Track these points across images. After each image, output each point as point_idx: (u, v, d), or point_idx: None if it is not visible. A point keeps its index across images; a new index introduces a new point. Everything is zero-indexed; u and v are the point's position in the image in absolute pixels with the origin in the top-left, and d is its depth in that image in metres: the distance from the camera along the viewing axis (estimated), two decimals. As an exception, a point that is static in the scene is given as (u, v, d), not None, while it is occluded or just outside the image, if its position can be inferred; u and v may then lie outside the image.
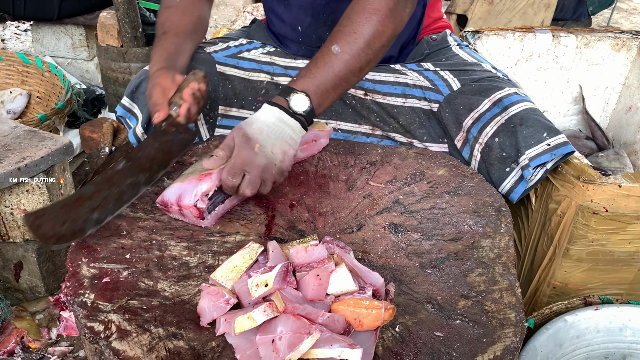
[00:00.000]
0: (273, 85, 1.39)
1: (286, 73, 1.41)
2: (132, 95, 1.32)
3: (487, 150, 1.25)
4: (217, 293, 0.80)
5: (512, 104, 1.25)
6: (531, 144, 1.19)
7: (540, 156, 1.18)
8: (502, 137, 1.22)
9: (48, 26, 2.62)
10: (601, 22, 4.31)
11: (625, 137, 2.00)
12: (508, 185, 1.23)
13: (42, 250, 1.51)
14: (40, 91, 2.37)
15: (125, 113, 1.33)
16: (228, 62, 1.39)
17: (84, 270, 0.90)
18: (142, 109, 1.30)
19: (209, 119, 1.36)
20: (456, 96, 1.32)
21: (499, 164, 1.23)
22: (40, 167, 1.33)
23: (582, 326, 1.14)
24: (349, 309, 0.79)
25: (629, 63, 1.97)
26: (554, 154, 1.18)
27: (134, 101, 1.32)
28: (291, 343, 0.72)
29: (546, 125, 1.21)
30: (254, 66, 1.40)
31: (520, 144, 1.20)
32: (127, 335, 0.79)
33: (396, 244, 1.00)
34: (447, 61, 1.43)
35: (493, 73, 1.39)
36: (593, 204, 1.19)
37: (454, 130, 1.31)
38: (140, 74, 1.33)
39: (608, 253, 1.26)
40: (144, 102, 1.29)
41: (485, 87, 1.32)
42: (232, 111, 1.38)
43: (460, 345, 0.80)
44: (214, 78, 1.35)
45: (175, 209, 1.00)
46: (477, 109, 1.28)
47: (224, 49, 1.42)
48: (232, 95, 1.37)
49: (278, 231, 1.02)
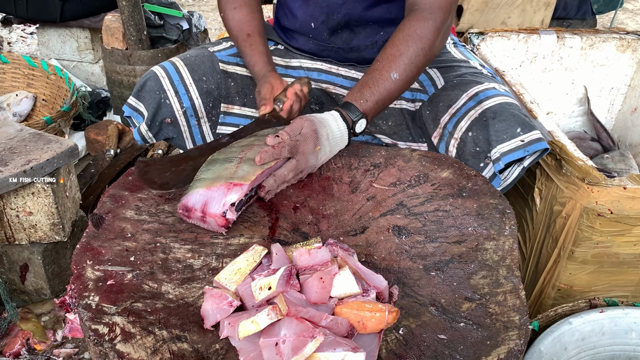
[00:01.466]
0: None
1: (286, 73, 1.43)
2: (138, 95, 1.35)
3: (462, 145, 1.24)
4: (221, 295, 0.81)
5: (487, 97, 1.23)
6: (503, 138, 1.17)
7: (513, 152, 1.15)
8: (476, 131, 1.21)
9: (54, 29, 2.64)
10: (606, 22, 4.30)
11: (631, 138, 1.99)
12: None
13: (48, 252, 1.51)
14: (46, 94, 2.38)
15: (132, 112, 1.36)
16: (231, 60, 1.41)
17: (89, 272, 0.90)
18: (147, 107, 1.33)
19: (211, 116, 1.38)
20: (438, 94, 1.33)
21: (473, 159, 1.22)
22: (46, 170, 1.34)
23: (587, 329, 1.14)
24: (352, 312, 0.79)
25: (634, 64, 1.97)
26: (527, 150, 1.15)
27: (139, 100, 1.35)
28: (295, 346, 0.72)
29: (521, 119, 1.18)
30: None
31: (492, 138, 1.18)
32: (132, 338, 0.79)
33: (400, 247, 1.00)
34: (437, 58, 1.43)
35: (478, 69, 1.38)
36: (598, 206, 1.18)
37: (432, 127, 1.31)
38: (147, 74, 1.35)
39: (613, 255, 1.26)
40: (150, 101, 1.33)
41: (465, 81, 1.32)
42: (234, 109, 1.40)
43: (464, 348, 0.80)
44: (217, 76, 1.37)
45: (199, 215, 0.99)
46: (454, 105, 1.28)
47: (227, 48, 1.44)
48: (235, 92, 1.39)
49: (282, 233, 1.02)
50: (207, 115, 1.38)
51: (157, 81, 1.33)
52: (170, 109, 1.34)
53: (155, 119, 1.34)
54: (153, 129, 1.35)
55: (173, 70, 1.35)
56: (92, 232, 0.99)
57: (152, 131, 1.36)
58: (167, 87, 1.33)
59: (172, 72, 1.34)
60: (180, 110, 1.35)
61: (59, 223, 1.46)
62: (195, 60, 1.37)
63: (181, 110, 1.35)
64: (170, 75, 1.34)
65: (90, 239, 0.97)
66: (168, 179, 1.07)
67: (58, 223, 1.46)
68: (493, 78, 1.36)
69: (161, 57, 2.33)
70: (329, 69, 1.44)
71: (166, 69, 1.35)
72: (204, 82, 1.36)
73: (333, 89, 1.44)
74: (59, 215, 1.45)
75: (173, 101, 1.33)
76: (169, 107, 1.34)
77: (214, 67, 1.38)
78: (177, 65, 1.36)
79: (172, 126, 1.36)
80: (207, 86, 1.36)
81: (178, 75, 1.34)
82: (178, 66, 1.35)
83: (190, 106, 1.35)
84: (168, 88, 1.33)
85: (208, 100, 1.37)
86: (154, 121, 1.34)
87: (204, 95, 1.36)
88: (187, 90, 1.34)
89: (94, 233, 0.99)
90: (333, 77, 1.44)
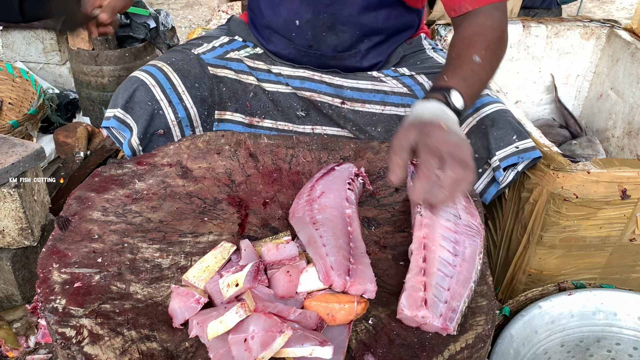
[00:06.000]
0: (260, 89, 1.38)
1: (269, 78, 1.39)
2: (126, 106, 1.25)
3: None
4: (187, 293, 0.80)
5: (484, 105, 1.25)
6: (501, 145, 1.20)
7: (509, 158, 1.19)
8: (474, 138, 1.23)
9: (17, 31, 2.58)
10: (574, 11, 4.36)
11: (597, 124, 2.03)
12: (481, 186, 1.25)
13: (17, 257, 1.49)
14: (12, 97, 2.34)
15: (120, 126, 1.26)
16: (218, 63, 1.35)
17: (55, 275, 0.89)
18: (137, 120, 1.25)
19: (206, 125, 1.32)
20: None
21: None
22: (11, 174, 1.31)
23: (556, 311, 1.16)
24: (321, 305, 0.79)
25: (598, 51, 2.00)
26: (521, 157, 1.19)
27: (127, 112, 1.25)
28: (263, 342, 0.72)
29: (516, 127, 1.22)
30: (242, 67, 1.38)
31: (491, 145, 1.20)
32: (100, 340, 0.79)
33: (369, 238, 1.00)
34: (422, 64, 1.43)
35: None
36: (564, 191, 1.20)
37: None
38: (132, 82, 1.26)
39: (580, 239, 1.28)
40: (141, 113, 1.24)
41: None
42: (227, 115, 1.36)
43: (432, 335, 0.81)
44: (208, 82, 1.31)
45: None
46: None
47: (210, 50, 1.39)
48: (227, 98, 1.34)
49: (252, 229, 1.02)
50: (202, 124, 1.31)
51: (148, 90, 1.24)
52: (164, 120, 1.26)
53: (147, 131, 1.26)
54: (143, 141, 1.26)
55: (162, 77, 1.26)
56: (58, 235, 0.98)
57: (142, 144, 1.26)
58: (159, 96, 1.24)
59: (162, 80, 1.26)
60: (174, 121, 1.27)
61: (27, 228, 1.43)
62: (184, 65, 1.29)
63: (176, 121, 1.27)
64: (160, 83, 1.25)
65: (56, 242, 0.96)
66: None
67: (27, 228, 1.43)
68: None
69: (129, 57, 2.30)
70: (312, 76, 1.39)
71: (154, 75, 1.26)
72: (197, 89, 1.29)
73: (317, 97, 1.38)
74: (27, 219, 1.42)
75: (167, 112, 1.25)
76: (163, 118, 1.26)
77: (204, 71, 1.31)
78: (165, 71, 1.27)
79: (164, 137, 1.28)
80: (201, 93, 1.29)
81: (169, 82, 1.26)
82: (167, 72, 1.27)
83: (186, 116, 1.28)
84: (160, 98, 1.25)
85: (203, 108, 1.30)
86: (145, 133, 1.25)
87: (199, 104, 1.29)
88: (181, 99, 1.27)
89: (60, 236, 0.98)
90: (317, 85, 1.39)
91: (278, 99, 1.39)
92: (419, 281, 0.83)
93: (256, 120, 1.38)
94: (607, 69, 1.97)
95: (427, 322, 0.80)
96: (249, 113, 1.37)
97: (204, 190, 1.11)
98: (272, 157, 1.22)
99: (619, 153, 1.90)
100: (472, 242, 0.93)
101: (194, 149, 1.22)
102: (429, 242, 0.89)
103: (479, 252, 0.91)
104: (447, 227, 0.93)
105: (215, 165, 1.18)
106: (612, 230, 1.27)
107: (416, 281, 0.84)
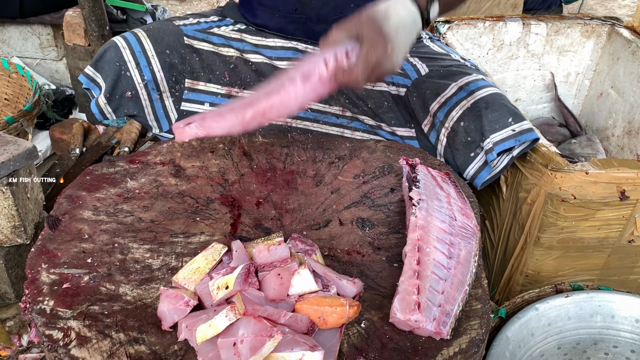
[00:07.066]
0: (242, 61, 1.38)
1: (257, 51, 1.39)
2: (95, 65, 1.31)
3: (453, 134, 1.24)
4: (176, 296, 0.79)
5: (478, 88, 1.25)
6: (495, 128, 1.18)
7: (505, 142, 1.17)
8: (468, 121, 1.22)
9: (14, 26, 2.56)
10: (575, 8, 4.34)
11: (597, 123, 2.01)
12: (472, 170, 1.23)
13: (10, 256, 1.47)
14: (8, 93, 2.32)
15: (89, 83, 1.32)
16: (197, 35, 1.37)
17: (44, 276, 0.88)
18: (105, 78, 1.29)
19: (174, 92, 1.34)
20: (424, 80, 1.32)
21: (464, 148, 1.23)
22: (2, 172, 1.30)
23: (553, 314, 1.14)
24: (312, 308, 0.78)
25: (599, 49, 1.98)
26: (518, 140, 1.17)
27: (97, 70, 1.31)
28: (253, 346, 0.70)
29: (511, 110, 1.20)
30: (223, 41, 1.39)
31: (485, 128, 1.19)
32: (87, 342, 0.77)
33: (363, 239, 0.99)
34: (417, 50, 1.43)
35: (462, 62, 1.39)
36: (562, 192, 1.19)
37: (421, 115, 1.31)
38: (107, 44, 1.32)
39: (578, 240, 1.26)
40: (108, 72, 1.29)
41: (453, 72, 1.32)
42: (200, 85, 1.36)
43: (425, 339, 0.79)
44: (181, 50, 1.33)
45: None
46: (443, 94, 1.27)
47: (194, 23, 1.41)
48: (200, 68, 1.35)
49: (244, 230, 1.01)
50: (169, 89, 1.34)
51: (117, 51, 1.29)
52: (131, 82, 1.30)
53: (114, 92, 1.30)
54: (112, 102, 1.31)
55: (135, 40, 1.30)
56: (48, 235, 0.96)
57: (112, 105, 1.31)
58: (127, 58, 1.29)
59: (134, 43, 1.30)
60: (141, 83, 1.31)
61: (20, 225, 1.42)
62: (159, 33, 1.33)
63: (142, 83, 1.31)
64: (131, 46, 1.30)
65: (45, 242, 0.95)
66: None
67: (19, 225, 1.42)
68: (477, 70, 1.37)
69: (126, 53, 2.28)
70: (305, 49, 1.39)
71: (127, 39, 1.31)
72: (167, 55, 1.32)
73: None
74: (19, 217, 1.40)
75: (134, 73, 1.29)
76: (130, 80, 1.30)
77: (179, 40, 1.34)
78: (139, 36, 1.32)
79: (133, 101, 1.32)
80: (170, 59, 1.32)
81: (140, 46, 1.30)
82: (140, 37, 1.31)
83: (152, 79, 1.32)
84: (129, 59, 1.29)
85: (171, 74, 1.33)
86: (113, 94, 1.30)
87: (167, 69, 1.32)
88: (149, 63, 1.30)
89: (49, 235, 0.96)
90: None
91: (262, 70, 1.38)
92: (412, 284, 0.82)
93: (235, 91, 1.37)
94: (607, 67, 1.95)
95: (420, 326, 0.78)
96: (227, 83, 1.37)
97: (196, 189, 1.09)
98: (266, 156, 1.20)
99: (619, 152, 1.88)
100: (467, 244, 0.92)
101: (187, 147, 1.21)
102: (424, 244, 0.88)
103: (474, 255, 0.90)
104: (442, 229, 0.92)
105: (208, 164, 1.17)
106: (611, 232, 1.26)
107: (409, 284, 0.82)
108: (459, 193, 1.05)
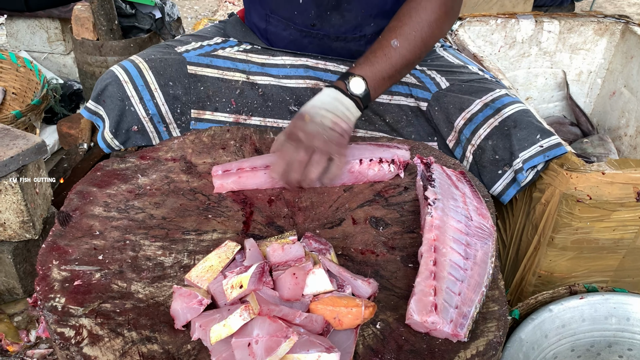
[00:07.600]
0: (249, 85, 1.33)
1: (263, 71, 1.34)
2: (97, 99, 1.27)
3: (480, 152, 1.23)
4: (190, 294, 0.78)
5: (505, 105, 1.23)
6: (525, 146, 1.18)
7: (533, 158, 1.17)
8: (496, 139, 1.21)
9: (22, 20, 2.56)
10: (585, 6, 4.31)
11: (609, 122, 1.99)
12: (499, 187, 1.23)
13: (18, 251, 1.47)
14: (16, 87, 2.31)
15: (91, 117, 1.29)
16: (201, 61, 1.32)
17: (55, 273, 0.87)
18: (109, 113, 1.26)
19: (180, 123, 1.31)
20: (445, 94, 1.30)
21: (491, 166, 1.22)
22: (11, 167, 1.29)
23: (568, 315, 1.13)
24: (327, 308, 0.77)
25: (612, 48, 1.96)
26: (547, 156, 1.17)
27: (99, 104, 1.27)
28: (268, 347, 0.69)
29: (539, 127, 1.20)
30: (229, 64, 1.34)
31: (514, 147, 1.19)
32: (99, 340, 0.76)
33: (377, 238, 0.97)
34: (432, 62, 1.40)
35: (481, 75, 1.37)
36: (577, 192, 1.17)
37: (445, 130, 1.29)
38: (106, 77, 1.27)
39: (593, 241, 1.25)
40: (111, 106, 1.25)
41: (475, 88, 1.30)
42: (206, 114, 1.32)
43: (442, 341, 0.78)
44: (184, 80, 1.29)
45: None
46: (468, 109, 1.25)
47: (197, 48, 1.36)
48: (205, 97, 1.31)
49: (256, 228, 0.99)
50: (175, 121, 1.30)
51: (120, 86, 1.25)
52: (136, 116, 1.27)
53: (120, 127, 1.27)
54: (119, 137, 1.28)
55: (136, 73, 1.26)
56: (59, 231, 0.95)
57: (119, 139, 1.28)
58: (130, 93, 1.25)
59: (135, 76, 1.26)
60: (146, 117, 1.27)
61: (29, 221, 1.41)
62: (160, 63, 1.28)
63: (147, 117, 1.27)
64: (133, 80, 1.25)
65: (56, 238, 0.94)
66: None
67: (28, 221, 1.41)
68: (498, 83, 1.34)
69: (133, 47, 2.27)
70: (316, 65, 1.35)
71: (128, 71, 1.26)
72: (170, 88, 1.28)
73: (323, 86, 1.34)
74: (28, 212, 1.40)
75: (138, 108, 1.26)
76: (134, 115, 1.26)
77: (182, 69, 1.29)
78: (140, 67, 1.27)
79: (140, 134, 1.29)
80: (174, 92, 1.28)
81: (142, 79, 1.26)
82: (142, 69, 1.26)
83: (157, 112, 1.28)
84: (131, 94, 1.25)
85: (175, 106, 1.29)
86: (119, 129, 1.27)
87: (171, 102, 1.28)
88: (153, 96, 1.27)
89: (60, 232, 0.95)
90: (321, 73, 1.35)
91: (270, 92, 1.34)
92: (428, 285, 0.81)
93: (243, 118, 1.34)
94: (620, 65, 1.93)
95: (437, 327, 0.77)
96: (234, 111, 1.33)
97: (208, 186, 1.08)
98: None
99: (632, 152, 1.86)
100: (483, 244, 0.90)
101: (198, 143, 1.20)
102: (440, 245, 0.87)
103: (490, 255, 0.89)
104: (458, 229, 0.90)
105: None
106: (626, 233, 1.24)
107: (426, 285, 0.81)
108: (474, 192, 1.04)
